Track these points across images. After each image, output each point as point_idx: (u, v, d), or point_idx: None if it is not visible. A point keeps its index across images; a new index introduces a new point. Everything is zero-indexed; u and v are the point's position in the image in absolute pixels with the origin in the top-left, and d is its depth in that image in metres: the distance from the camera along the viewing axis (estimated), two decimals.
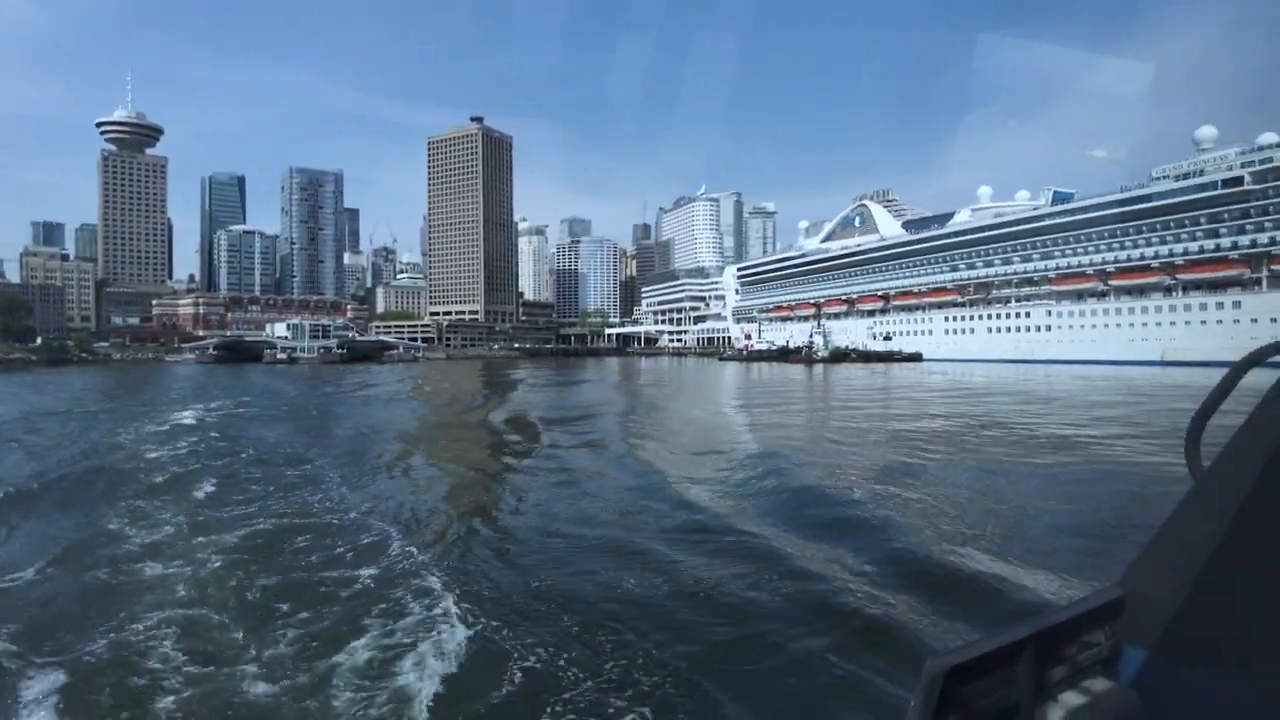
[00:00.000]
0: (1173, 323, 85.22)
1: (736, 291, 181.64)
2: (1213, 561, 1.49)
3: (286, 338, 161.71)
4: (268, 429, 29.17)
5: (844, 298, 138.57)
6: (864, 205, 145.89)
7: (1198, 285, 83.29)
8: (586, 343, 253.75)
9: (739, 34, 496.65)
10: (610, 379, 79.83)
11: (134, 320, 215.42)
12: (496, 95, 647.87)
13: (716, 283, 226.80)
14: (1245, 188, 78.08)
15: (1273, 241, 76.04)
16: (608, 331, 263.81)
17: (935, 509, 13.79)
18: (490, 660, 7.49)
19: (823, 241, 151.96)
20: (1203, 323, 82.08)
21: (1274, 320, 75.29)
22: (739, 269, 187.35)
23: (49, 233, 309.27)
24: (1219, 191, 79.99)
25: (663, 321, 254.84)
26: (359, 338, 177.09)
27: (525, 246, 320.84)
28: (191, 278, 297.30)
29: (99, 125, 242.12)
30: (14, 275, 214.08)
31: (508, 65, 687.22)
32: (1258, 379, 1.56)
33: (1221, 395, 1.59)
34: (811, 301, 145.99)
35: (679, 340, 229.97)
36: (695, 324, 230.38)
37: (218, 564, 10.67)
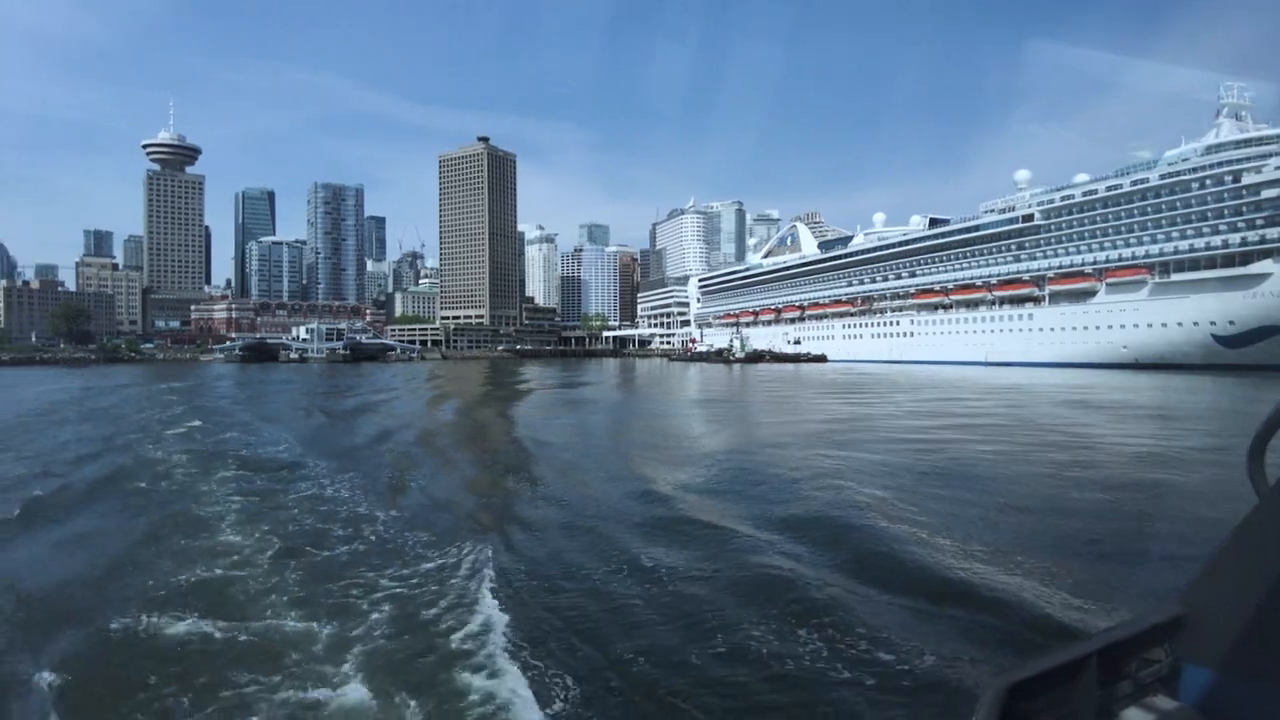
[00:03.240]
0: (992, 331, 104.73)
1: (698, 300, 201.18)
2: (1279, 579, 1.39)
3: (307, 340, 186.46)
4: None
5: (773, 307, 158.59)
6: (795, 226, 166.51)
7: (1009, 301, 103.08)
8: (585, 344, 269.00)
9: (777, 39, 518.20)
10: (570, 373, 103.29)
11: (175, 324, 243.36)
12: (526, 100, 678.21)
13: None
14: (1036, 223, 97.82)
15: (1049, 268, 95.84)
16: (605, 334, 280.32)
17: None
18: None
19: (764, 257, 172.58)
20: (1010, 331, 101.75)
21: (1054, 329, 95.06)
22: (700, 280, 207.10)
23: (99, 241, 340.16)
24: (1019, 225, 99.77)
25: (655, 325, 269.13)
26: (364, 340, 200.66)
27: (536, 254, 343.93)
28: (228, 283, 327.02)
29: (145, 147, 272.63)
30: (69, 280, 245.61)
31: (538, 70, 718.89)
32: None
33: None
34: (751, 310, 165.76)
35: (668, 342, 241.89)
36: (681, 327, 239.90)
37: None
